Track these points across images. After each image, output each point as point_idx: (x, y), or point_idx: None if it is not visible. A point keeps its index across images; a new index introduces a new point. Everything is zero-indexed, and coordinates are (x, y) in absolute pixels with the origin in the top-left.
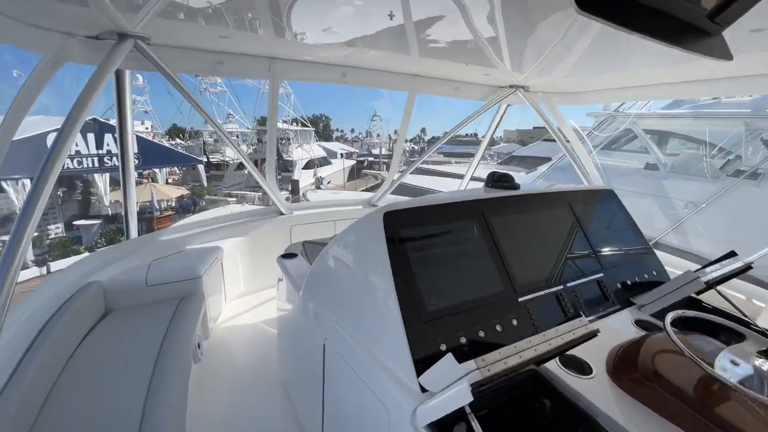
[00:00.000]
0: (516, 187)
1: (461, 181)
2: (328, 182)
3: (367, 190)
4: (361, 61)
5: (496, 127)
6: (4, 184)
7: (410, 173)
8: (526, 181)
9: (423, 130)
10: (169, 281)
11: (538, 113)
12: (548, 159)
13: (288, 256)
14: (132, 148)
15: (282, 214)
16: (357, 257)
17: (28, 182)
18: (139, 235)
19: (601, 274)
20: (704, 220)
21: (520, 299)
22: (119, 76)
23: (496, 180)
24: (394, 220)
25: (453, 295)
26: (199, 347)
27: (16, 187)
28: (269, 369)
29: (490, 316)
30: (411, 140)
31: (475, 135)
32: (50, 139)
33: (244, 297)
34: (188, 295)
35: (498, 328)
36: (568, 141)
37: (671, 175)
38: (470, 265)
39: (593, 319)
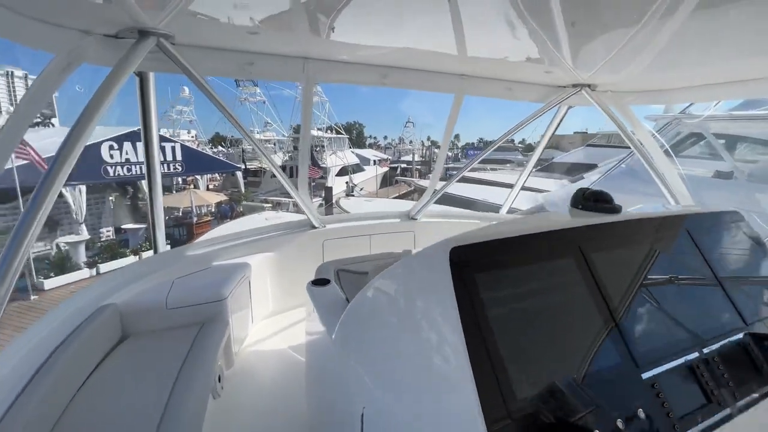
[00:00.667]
0: (617, 209)
1: (510, 192)
2: (361, 189)
3: (399, 197)
4: (403, 60)
5: (554, 132)
6: (62, 190)
7: (444, 180)
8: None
9: (457, 137)
10: (190, 303)
11: (608, 116)
12: (593, 166)
13: (319, 282)
14: (158, 156)
15: (314, 227)
16: (409, 307)
17: (84, 188)
18: (171, 245)
19: (744, 333)
20: None
21: (644, 375)
22: (143, 80)
23: (589, 199)
24: (464, 259)
25: (550, 373)
26: (219, 380)
27: (74, 192)
28: (296, 408)
29: (607, 407)
30: None
31: (513, 141)
32: (104, 149)
33: (272, 317)
34: (211, 318)
35: (620, 424)
36: (642, 145)
37: (752, 184)
38: (569, 325)
39: (743, 405)
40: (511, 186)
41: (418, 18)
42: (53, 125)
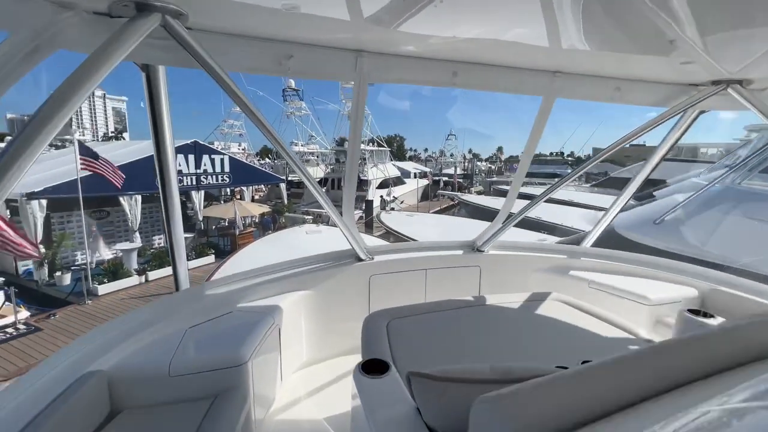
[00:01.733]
0: None
1: (599, 221)
2: (401, 202)
3: (440, 211)
4: (480, 54)
5: (678, 138)
6: (120, 199)
7: (488, 195)
8: (653, 212)
9: (500, 149)
10: (200, 369)
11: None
12: (661, 182)
13: (373, 368)
14: (174, 168)
15: (360, 259)
16: None
17: (139, 198)
18: (216, 255)
19: None
20: None
21: None
22: (150, 75)
23: None
24: None
25: None
26: None
27: (130, 201)
28: None
29: None
30: (487, 159)
31: (562, 154)
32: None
33: (306, 369)
34: (228, 388)
35: None
36: None
37: None
38: None
39: None
40: (568, 203)
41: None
42: (124, 138)
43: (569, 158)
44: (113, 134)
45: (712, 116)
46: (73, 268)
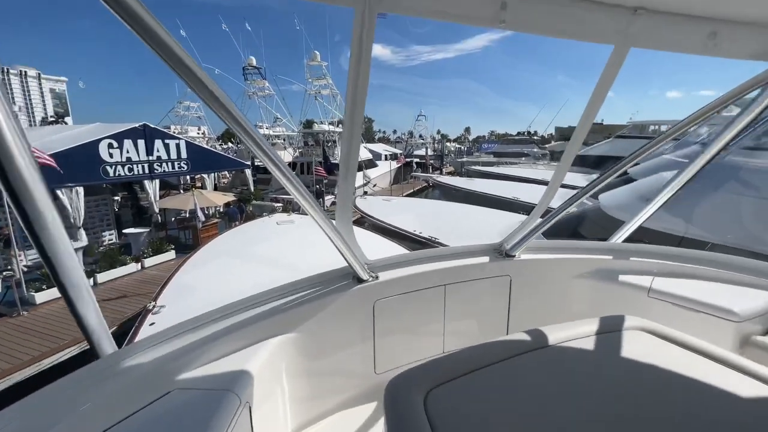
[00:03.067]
0: None
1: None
2: (374, 186)
3: (413, 194)
4: None
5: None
6: (58, 192)
7: (466, 176)
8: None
9: (467, 130)
10: None
11: None
12: (618, 158)
13: None
14: (30, 159)
15: (360, 280)
16: None
17: (81, 190)
18: (176, 249)
19: None
20: None
21: None
22: None
23: None
24: None
25: None
26: None
27: (70, 194)
28: None
29: None
30: (455, 140)
31: (529, 133)
32: (103, 148)
33: None
34: None
35: None
36: None
37: None
38: None
39: None
40: (541, 182)
41: None
42: (66, 123)
43: (535, 137)
44: (54, 119)
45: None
46: (5, 273)
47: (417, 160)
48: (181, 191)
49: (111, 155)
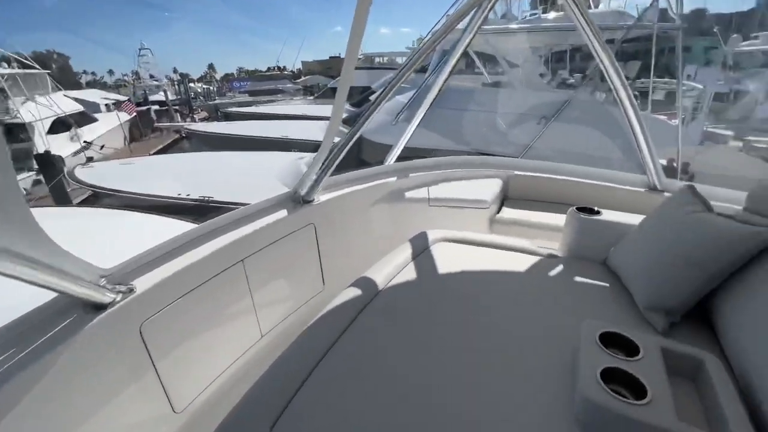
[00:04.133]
0: None
1: (398, 142)
2: (101, 147)
3: (163, 150)
4: None
5: (473, 37)
6: None
7: (225, 120)
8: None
9: (211, 67)
10: None
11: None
12: (366, 88)
13: None
14: None
15: (101, 307)
16: None
17: None
18: None
19: None
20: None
21: None
22: None
23: None
24: None
25: None
26: None
27: None
28: None
29: None
30: (199, 80)
31: (278, 68)
32: None
33: None
34: None
35: None
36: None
37: (524, 90)
38: None
39: None
40: (301, 117)
41: None
42: None
43: (287, 72)
44: None
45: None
46: None
47: (156, 107)
48: None
49: None
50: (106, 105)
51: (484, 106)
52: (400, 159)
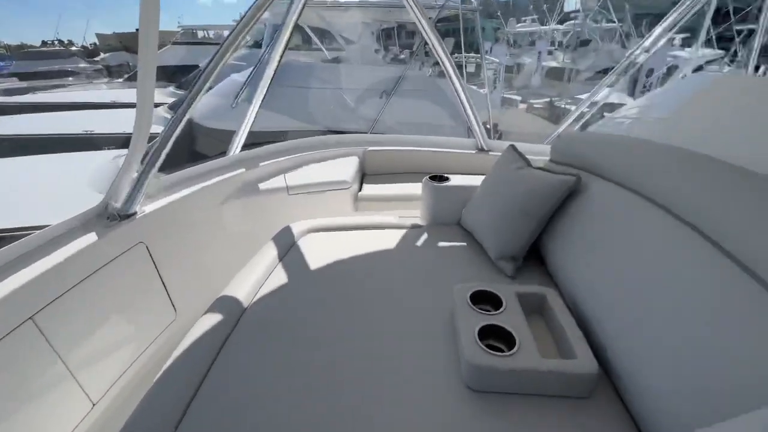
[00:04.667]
0: None
1: (241, 128)
2: None
3: None
4: None
5: (302, 9)
6: None
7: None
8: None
9: None
10: None
11: None
12: (194, 67)
13: None
14: None
15: None
16: None
17: None
18: None
19: None
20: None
21: None
22: None
23: None
24: None
25: None
26: None
27: None
28: None
29: None
30: None
31: (60, 42)
32: None
33: None
34: None
35: None
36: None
37: (363, 66)
38: None
39: None
40: (111, 106)
41: None
42: None
43: (76, 47)
44: None
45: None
46: None
47: None
48: None
49: None
50: None
51: (329, 83)
52: (246, 147)
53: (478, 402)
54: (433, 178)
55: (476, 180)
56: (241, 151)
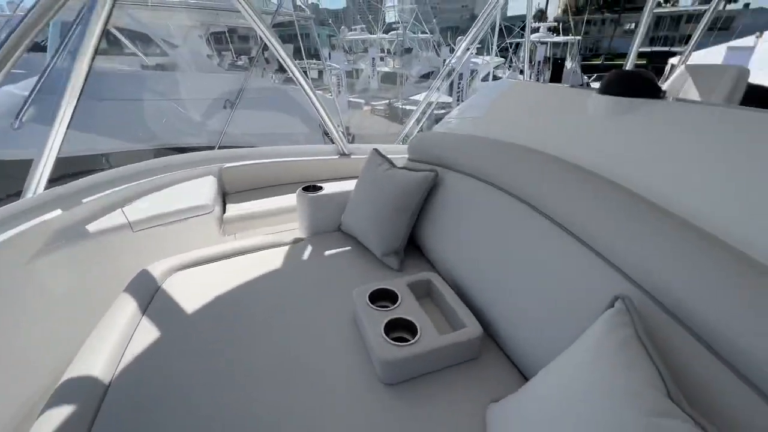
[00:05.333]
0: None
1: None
2: None
3: None
4: None
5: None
6: None
7: None
8: None
9: None
10: None
11: None
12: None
13: None
14: None
15: None
16: None
17: None
18: None
19: None
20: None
21: None
22: None
23: None
24: None
25: None
26: None
27: None
28: None
29: None
30: None
31: None
32: None
33: None
34: None
35: None
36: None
37: (199, 74)
38: None
39: None
40: None
41: None
42: None
43: None
44: None
45: None
46: None
47: None
48: None
49: None
50: None
51: (162, 94)
52: (54, 182)
53: (392, 394)
54: (307, 189)
55: (348, 185)
56: (47, 187)
